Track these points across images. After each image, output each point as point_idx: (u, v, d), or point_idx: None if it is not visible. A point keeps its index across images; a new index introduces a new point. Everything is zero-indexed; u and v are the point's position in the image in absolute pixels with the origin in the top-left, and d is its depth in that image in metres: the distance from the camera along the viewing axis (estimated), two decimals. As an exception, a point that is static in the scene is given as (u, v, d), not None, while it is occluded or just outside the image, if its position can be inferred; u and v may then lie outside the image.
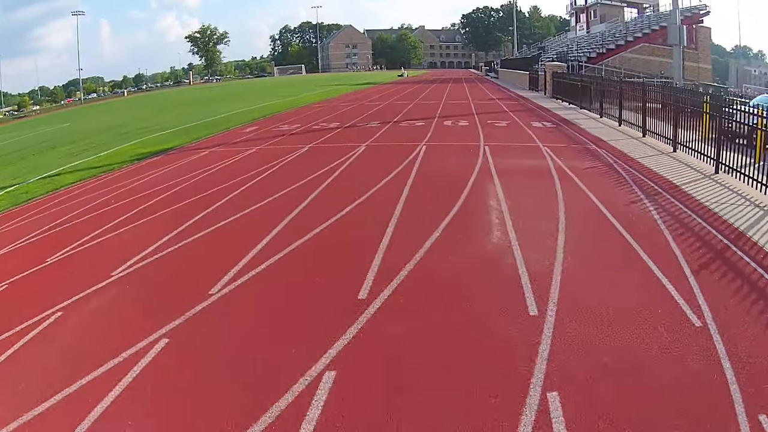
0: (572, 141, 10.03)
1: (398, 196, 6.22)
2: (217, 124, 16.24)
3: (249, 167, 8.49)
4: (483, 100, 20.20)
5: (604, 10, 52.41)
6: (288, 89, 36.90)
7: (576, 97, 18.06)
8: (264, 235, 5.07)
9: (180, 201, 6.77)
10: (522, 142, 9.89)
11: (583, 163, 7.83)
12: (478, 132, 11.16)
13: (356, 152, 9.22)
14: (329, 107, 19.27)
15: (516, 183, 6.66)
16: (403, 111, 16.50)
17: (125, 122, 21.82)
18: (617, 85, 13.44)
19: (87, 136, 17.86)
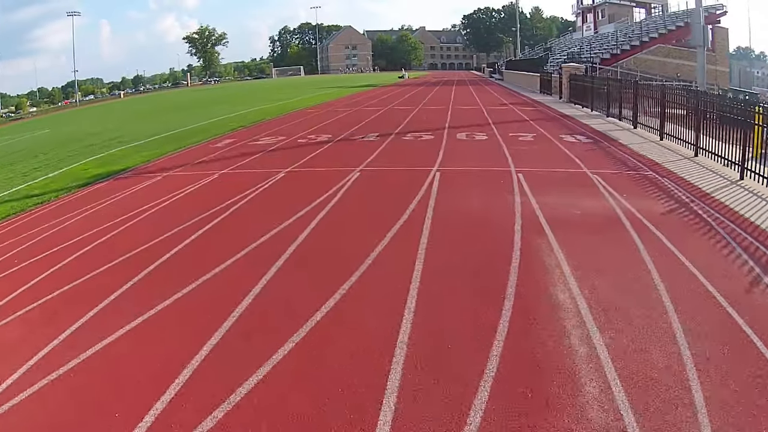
0: (622, 164, 7.92)
1: (405, 280, 3.91)
2: (193, 134, 14.12)
3: (196, 208, 6.25)
4: (495, 106, 18.07)
5: (613, 10, 50.42)
6: (282, 92, 34.83)
7: (600, 103, 16.01)
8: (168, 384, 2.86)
9: (92, 268, 4.65)
10: (562, 166, 7.73)
11: (655, 204, 5.70)
12: (502, 150, 8.99)
13: (345, 183, 6.96)
14: (322, 114, 17.13)
15: (581, 247, 4.47)
16: (406, 119, 14.36)
17: (103, 130, 19.76)
18: (657, 92, 11.36)
19: (54, 147, 15.77)
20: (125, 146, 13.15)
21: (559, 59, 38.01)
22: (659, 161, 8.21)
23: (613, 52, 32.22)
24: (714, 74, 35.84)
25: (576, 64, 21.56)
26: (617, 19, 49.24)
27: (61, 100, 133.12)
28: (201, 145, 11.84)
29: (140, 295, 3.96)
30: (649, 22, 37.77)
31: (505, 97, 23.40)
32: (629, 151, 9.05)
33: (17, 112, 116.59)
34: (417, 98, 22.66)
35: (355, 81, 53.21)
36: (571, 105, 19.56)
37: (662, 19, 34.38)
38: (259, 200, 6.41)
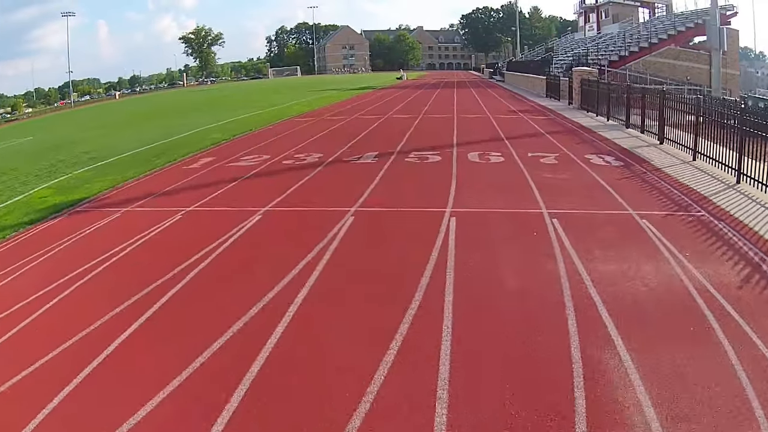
0: (667, 200, 6.56)
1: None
2: (171, 149, 12.70)
3: (139, 276, 4.73)
4: (504, 114, 16.70)
5: (617, 10, 49.09)
6: (275, 95, 33.38)
7: (617, 112, 14.69)
8: None
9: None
10: (601, 204, 6.31)
11: (726, 270, 4.36)
12: (525, 178, 7.57)
13: (334, 236, 5.41)
14: (314, 124, 15.68)
15: (663, 366, 3.06)
16: (408, 131, 12.96)
17: (82, 138, 18.37)
18: (690, 104, 9.99)
19: (26, 161, 14.27)
20: (94, 164, 11.74)
21: (563, 60, 36.67)
22: (704, 193, 6.93)
23: (621, 54, 30.88)
24: (725, 77, 34.47)
25: (588, 68, 20.20)
26: (621, 20, 47.90)
27: (57, 101, 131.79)
28: (174, 165, 10.43)
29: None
30: (658, 23, 36.45)
31: (511, 102, 22.05)
32: (667, 178, 7.73)
33: (13, 113, 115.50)
34: (417, 104, 21.29)
35: (352, 82, 51.80)
36: (584, 112, 18.26)
37: (671, 20, 33.05)
38: (220, 265, 4.91)
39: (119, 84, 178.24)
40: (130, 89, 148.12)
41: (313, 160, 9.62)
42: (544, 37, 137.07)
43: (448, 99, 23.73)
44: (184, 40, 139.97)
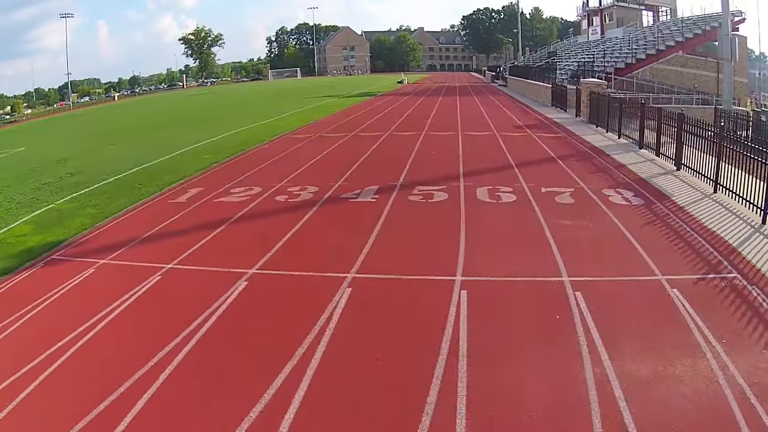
0: (696, 256, 5.84)
1: None
2: (159, 174, 12.00)
3: (99, 379, 4.01)
4: (511, 131, 15.93)
5: (621, 14, 48.32)
6: (272, 105, 32.57)
7: (630, 130, 13.97)
8: None
9: None
10: (627, 269, 5.52)
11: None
12: (543, 230, 6.68)
13: (329, 316, 4.67)
14: (310, 143, 14.83)
15: None
16: (410, 156, 12.19)
17: (70, 154, 17.69)
18: (709, 133, 9.21)
19: (12, 183, 13.47)
20: (78, 192, 11.05)
21: (568, 66, 35.94)
22: (732, 241, 6.33)
23: (627, 61, 30.18)
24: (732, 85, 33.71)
25: (596, 80, 19.48)
26: (625, 23, 47.17)
27: (57, 102, 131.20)
28: (160, 197, 9.73)
29: None
30: (665, 29, 35.70)
31: (517, 113, 21.31)
32: (690, 221, 7.08)
33: (12, 114, 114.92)
34: (419, 117, 20.51)
35: (351, 86, 50.94)
36: (592, 126, 17.58)
37: (678, 26, 32.31)
38: (194, 363, 4.22)
39: (119, 85, 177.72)
40: (129, 90, 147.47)
41: (308, 197, 8.87)
42: (545, 38, 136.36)
43: (451, 110, 22.96)
44: (184, 41, 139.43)
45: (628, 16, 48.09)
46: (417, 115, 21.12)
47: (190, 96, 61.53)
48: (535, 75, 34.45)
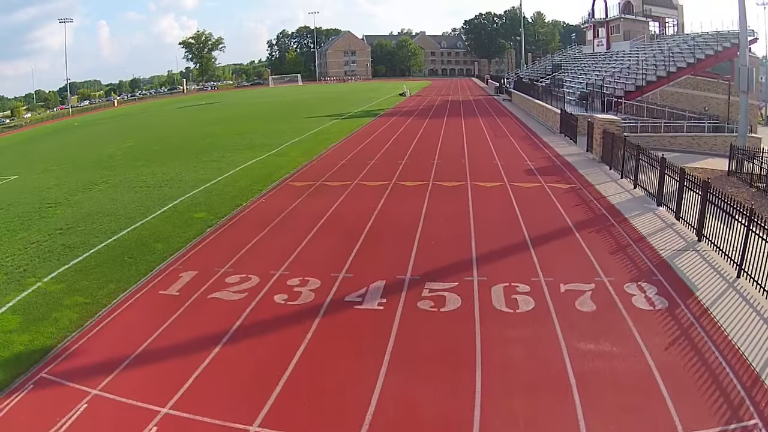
0: (728, 408, 5.14)
1: None
2: (149, 241, 11.13)
3: None
4: (522, 180, 14.96)
5: (628, 26, 47.41)
6: (271, 128, 31.68)
7: (647, 181, 13.10)
8: None
9: None
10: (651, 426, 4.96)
11: None
12: (564, 367, 5.85)
13: None
14: (309, 201, 13.62)
15: None
16: (418, 226, 11.24)
17: (64, 194, 16.99)
18: (743, 208, 8.35)
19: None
20: (68, 262, 10.23)
21: (575, 86, 35.09)
22: (757, 367, 5.67)
23: (638, 83, 29.33)
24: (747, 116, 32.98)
25: (611, 117, 18.67)
26: (632, 37, 46.32)
27: (57, 105, 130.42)
28: (150, 285, 8.87)
29: None
30: (676, 48, 34.84)
31: (526, 147, 20.42)
32: (717, 337, 6.42)
33: (12, 117, 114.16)
34: (424, 153, 19.46)
35: (352, 98, 49.96)
36: (605, 168, 16.83)
37: (690, 45, 31.44)
38: None
39: (119, 87, 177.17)
40: (129, 95, 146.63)
41: (309, 297, 7.99)
42: (547, 42, 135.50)
43: (457, 142, 21.93)
44: (184, 44, 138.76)
45: (635, 30, 47.22)
46: (421, 151, 20.17)
47: (187, 107, 60.66)
48: (541, 94, 33.59)
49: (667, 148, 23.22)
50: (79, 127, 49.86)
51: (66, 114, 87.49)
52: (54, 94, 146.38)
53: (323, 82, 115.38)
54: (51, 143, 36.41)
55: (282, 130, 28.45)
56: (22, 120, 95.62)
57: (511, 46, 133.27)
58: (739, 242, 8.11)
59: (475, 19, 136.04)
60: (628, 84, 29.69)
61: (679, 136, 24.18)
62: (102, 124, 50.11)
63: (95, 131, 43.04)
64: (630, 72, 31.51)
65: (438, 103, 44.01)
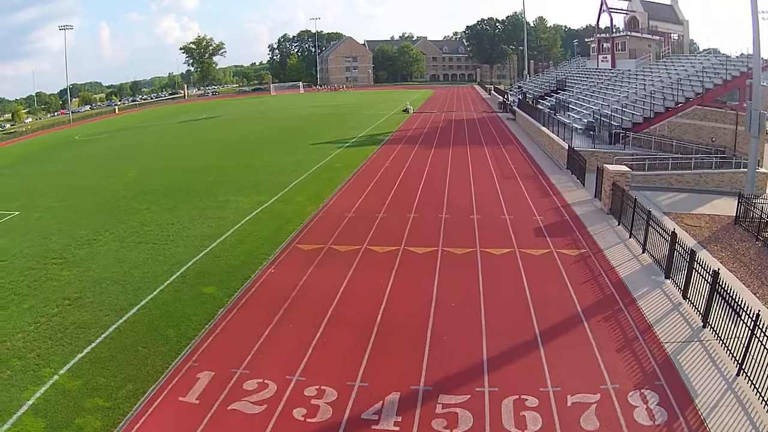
0: None
1: None
2: (160, 325, 10.93)
3: None
4: (532, 245, 14.75)
5: (634, 44, 47.16)
6: (273, 159, 31.35)
7: (656, 248, 12.91)
8: None
9: None
10: None
11: None
12: None
13: None
14: (318, 274, 13.23)
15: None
16: (430, 313, 11.13)
17: (67, 246, 16.87)
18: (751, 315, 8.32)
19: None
20: (79, 352, 10.04)
21: (581, 112, 34.79)
22: None
23: (645, 115, 29.09)
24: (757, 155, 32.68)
25: (622, 168, 18.39)
26: (638, 55, 46.07)
27: (58, 109, 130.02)
28: (169, 388, 8.72)
29: None
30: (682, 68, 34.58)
31: (534, 193, 20.20)
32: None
33: (12, 122, 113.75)
34: (431, 206, 19.18)
35: (355, 116, 49.66)
36: (613, 223, 16.83)
37: (698, 71, 31.16)
38: None
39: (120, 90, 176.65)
40: (131, 99, 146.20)
41: (327, 414, 7.89)
42: (549, 47, 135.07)
43: (465, 191, 21.14)
44: (185, 50, 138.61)
45: (641, 48, 46.98)
46: (429, 199, 19.72)
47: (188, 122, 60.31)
48: (546, 121, 33.39)
49: (674, 186, 23.05)
50: (80, 143, 49.65)
51: (66, 121, 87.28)
52: (55, 98, 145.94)
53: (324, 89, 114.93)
54: (51, 167, 36.07)
55: (286, 163, 28.10)
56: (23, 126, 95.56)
57: (513, 51, 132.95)
58: (743, 341, 8.35)
59: (477, 24, 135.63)
60: (636, 115, 29.43)
61: (686, 174, 23.95)
62: (102, 140, 49.76)
63: (96, 150, 42.74)
64: (637, 102, 31.23)
65: (442, 125, 43.64)
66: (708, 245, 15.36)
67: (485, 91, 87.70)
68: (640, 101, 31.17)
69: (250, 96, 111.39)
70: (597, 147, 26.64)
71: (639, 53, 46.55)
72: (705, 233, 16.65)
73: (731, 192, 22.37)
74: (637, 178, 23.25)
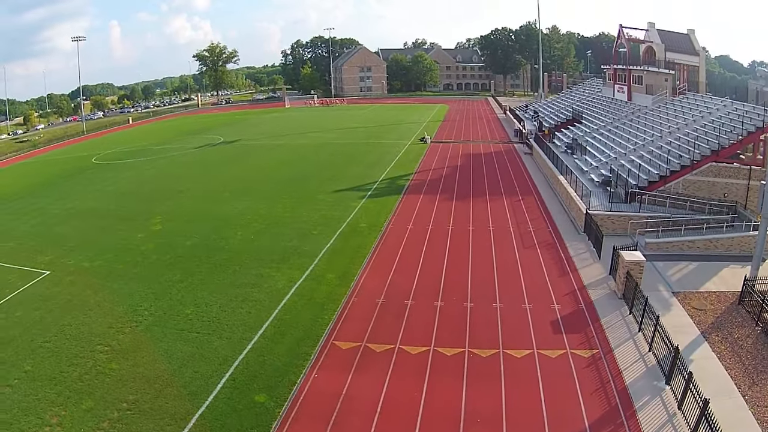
0: None
1: None
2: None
3: None
4: (549, 346, 15.72)
5: (651, 79, 47.44)
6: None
7: (665, 350, 13.96)
8: None
9: None
10: None
11: None
12: None
13: None
14: (351, 390, 14.05)
15: None
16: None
17: (106, 341, 17.83)
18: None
19: None
20: None
21: (599, 162, 35.39)
22: None
23: (662, 173, 29.68)
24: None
25: (637, 258, 19.22)
26: (655, 92, 46.32)
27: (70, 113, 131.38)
28: None
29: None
30: (698, 119, 35.04)
31: (553, 270, 21.04)
32: None
33: (24, 126, 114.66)
34: (457, 297, 19.87)
35: (374, 151, 49.23)
36: (624, 313, 17.98)
37: (717, 129, 31.55)
38: None
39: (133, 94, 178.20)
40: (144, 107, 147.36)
41: None
42: (563, 57, 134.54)
43: (487, 270, 22.02)
44: (198, 57, 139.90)
45: (657, 84, 47.23)
46: (454, 283, 20.43)
47: (204, 148, 61.09)
48: (564, 170, 34.12)
49: (686, 253, 23.91)
50: (97, 169, 49.82)
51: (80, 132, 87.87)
52: (67, 101, 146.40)
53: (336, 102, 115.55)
54: (71, 202, 36.52)
55: (311, 221, 28.63)
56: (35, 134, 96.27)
57: (527, 62, 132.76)
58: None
59: (491, 35, 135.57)
60: (652, 173, 30.04)
61: (698, 240, 24.82)
62: (120, 168, 49.43)
63: (115, 181, 42.99)
64: (653, 159, 31.81)
65: (461, 162, 44.11)
66: (710, 335, 16.49)
67: (499, 107, 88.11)
68: (656, 158, 31.73)
69: (264, 108, 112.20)
70: (613, 208, 27.33)
71: (656, 89, 46.83)
72: (709, 318, 17.65)
73: (741, 256, 23.33)
74: (651, 246, 24.11)
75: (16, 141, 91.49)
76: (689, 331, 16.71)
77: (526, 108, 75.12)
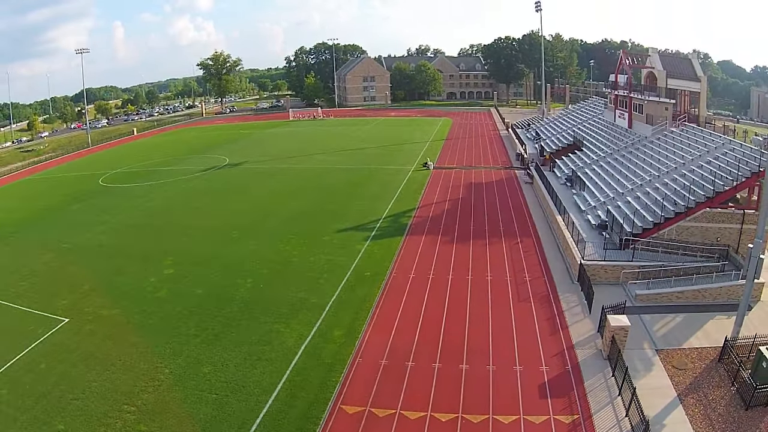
0: None
1: None
2: None
3: None
4: (534, 412, 17.04)
5: (651, 110, 48.32)
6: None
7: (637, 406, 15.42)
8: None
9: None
10: None
11: None
12: None
13: None
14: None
15: None
16: None
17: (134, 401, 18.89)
18: None
19: None
20: None
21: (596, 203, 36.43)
22: None
23: (656, 221, 30.76)
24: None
25: (623, 321, 20.45)
26: (655, 122, 47.13)
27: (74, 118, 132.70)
28: None
29: None
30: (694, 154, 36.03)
31: (544, 328, 22.01)
32: None
33: (29, 133, 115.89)
34: (453, 358, 20.51)
35: (377, 179, 49.71)
36: (607, 374, 19.24)
37: (713, 173, 32.42)
38: None
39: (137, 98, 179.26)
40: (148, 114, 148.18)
41: None
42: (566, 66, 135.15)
43: (483, 327, 23.32)
44: (202, 66, 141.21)
45: (658, 113, 48.04)
46: (451, 344, 21.62)
47: (209, 174, 61.72)
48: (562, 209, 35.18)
49: (675, 303, 25.15)
50: (104, 194, 50.62)
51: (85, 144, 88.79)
52: (71, 106, 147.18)
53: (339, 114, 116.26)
54: (80, 236, 37.04)
55: (317, 267, 29.58)
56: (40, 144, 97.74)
57: (530, 71, 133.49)
58: None
59: (494, 44, 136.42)
60: (647, 220, 31.08)
61: (687, 290, 25.94)
62: (127, 195, 49.70)
63: (122, 210, 43.83)
64: (648, 204, 32.86)
65: (462, 195, 44.93)
66: (685, 398, 17.75)
67: (502, 123, 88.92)
68: (652, 203, 32.76)
69: (269, 120, 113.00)
70: (607, 256, 28.45)
71: (656, 119, 47.63)
72: (688, 379, 18.86)
73: (728, 305, 24.44)
74: (641, 297, 25.30)
75: (21, 150, 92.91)
76: (667, 393, 18.00)
77: (528, 127, 76.02)
